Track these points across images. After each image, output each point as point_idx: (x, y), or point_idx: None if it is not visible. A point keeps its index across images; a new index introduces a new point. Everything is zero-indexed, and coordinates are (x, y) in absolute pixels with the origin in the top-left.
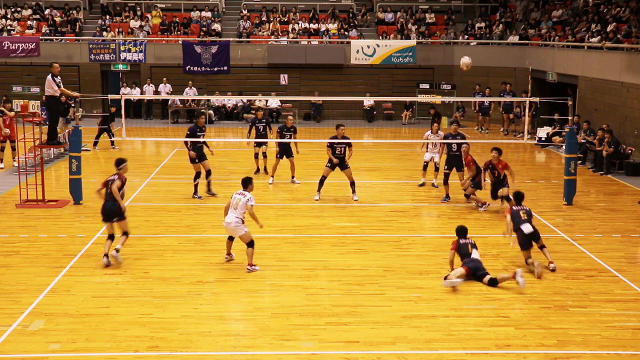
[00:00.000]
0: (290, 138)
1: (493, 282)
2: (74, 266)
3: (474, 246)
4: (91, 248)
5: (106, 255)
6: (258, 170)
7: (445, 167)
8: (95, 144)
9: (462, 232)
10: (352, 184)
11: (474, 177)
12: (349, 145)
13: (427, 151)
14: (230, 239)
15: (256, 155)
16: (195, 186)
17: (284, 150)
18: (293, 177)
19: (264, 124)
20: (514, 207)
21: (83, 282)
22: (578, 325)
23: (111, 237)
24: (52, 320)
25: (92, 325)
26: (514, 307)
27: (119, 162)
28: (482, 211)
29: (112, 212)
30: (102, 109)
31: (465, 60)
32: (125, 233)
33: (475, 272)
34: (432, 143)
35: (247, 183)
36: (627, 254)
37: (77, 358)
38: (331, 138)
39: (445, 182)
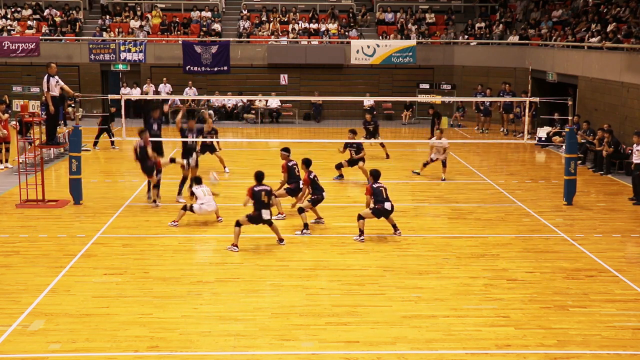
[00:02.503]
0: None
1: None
2: (74, 266)
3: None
4: (91, 248)
5: None
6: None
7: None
8: (95, 144)
9: (376, 175)
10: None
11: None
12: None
13: (433, 153)
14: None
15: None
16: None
17: (208, 148)
18: (225, 167)
19: (373, 125)
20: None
21: (83, 282)
22: (578, 325)
23: None
24: (52, 320)
25: (92, 325)
26: (514, 307)
27: None
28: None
29: None
30: (102, 109)
31: None
32: None
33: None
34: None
35: (200, 180)
36: (627, 254)
37: (77, 358)
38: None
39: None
